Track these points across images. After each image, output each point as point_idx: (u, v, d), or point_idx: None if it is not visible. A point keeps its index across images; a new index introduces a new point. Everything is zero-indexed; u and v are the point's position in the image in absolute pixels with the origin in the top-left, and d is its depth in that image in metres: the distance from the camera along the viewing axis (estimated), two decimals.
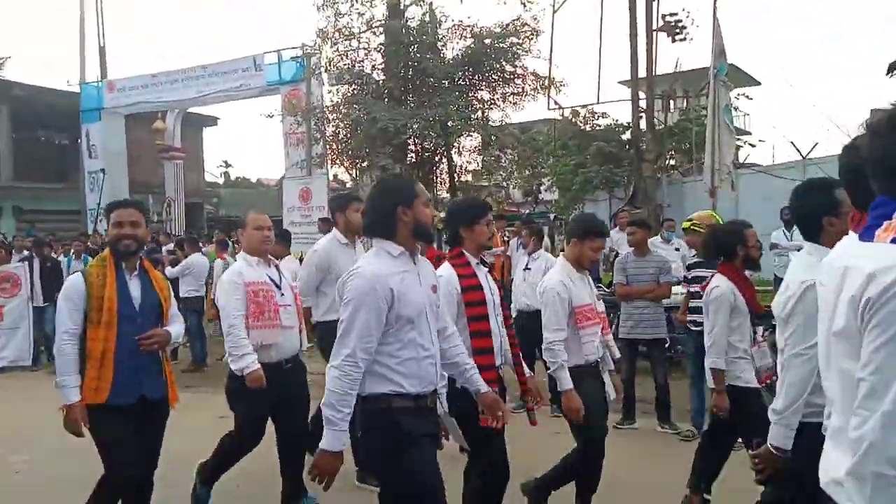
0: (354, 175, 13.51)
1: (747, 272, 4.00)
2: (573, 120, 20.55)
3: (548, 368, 3.74)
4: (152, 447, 3.42)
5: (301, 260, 9.03)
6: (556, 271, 3.88)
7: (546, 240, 9.92)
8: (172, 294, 3.62)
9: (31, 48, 64.22)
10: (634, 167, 13.59)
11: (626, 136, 16.38)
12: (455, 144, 12.17)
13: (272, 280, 4.08)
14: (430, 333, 2.63)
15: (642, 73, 13.59)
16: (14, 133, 21.70)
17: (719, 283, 3.81)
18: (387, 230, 2.61)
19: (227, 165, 40.50)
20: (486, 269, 3.46)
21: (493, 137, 12.15)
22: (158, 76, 16.24)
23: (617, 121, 20.12)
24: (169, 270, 8.90)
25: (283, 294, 4.06)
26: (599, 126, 20.45)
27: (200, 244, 10.97)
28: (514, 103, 12.27)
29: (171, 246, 11.72)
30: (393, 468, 2.52)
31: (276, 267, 4.20)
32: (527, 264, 6.82)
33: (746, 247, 3.87)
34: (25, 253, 10.42)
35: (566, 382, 3.60)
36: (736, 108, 20.50)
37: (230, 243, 10.51)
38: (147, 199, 20.01)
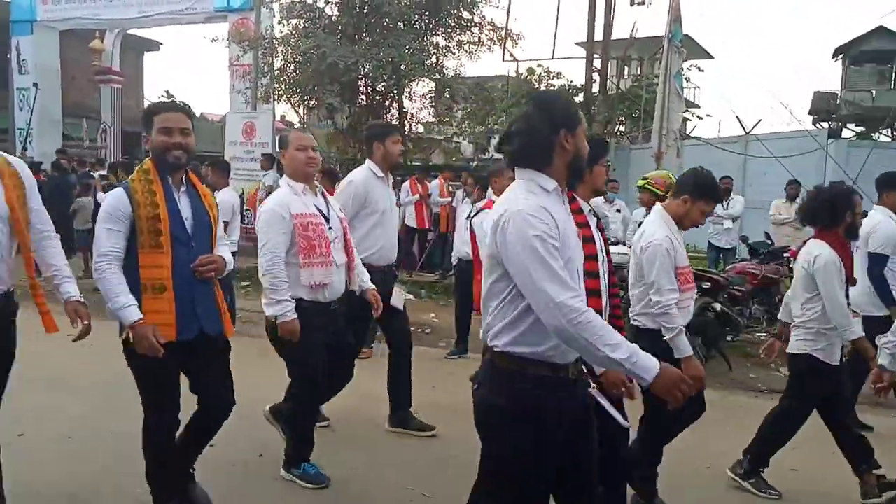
0: (302, 113, 13.13)
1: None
2: (528, 77, 20.51)
3: None
4: (224, 380, 3.13)
5: (242, 196, 8.89)
6: (660, 225, 3.43)
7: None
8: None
9: None
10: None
11: (579, 98, 16.43)
12: (407, 89, 11.93)
13: (320, 211, 3.66)
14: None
15: (599, 35, 13.59)
16: None
17: (821, 251, 3.62)
18: (542, 159, 2.14)
19: (170, 96, 38.75)
20: (597, 220, 3.03)
21: (446, 89, 11.96)
22: None
23: (571, 82, 20.14)
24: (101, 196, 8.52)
25: (331, 227, 3.66)
26: (553, 86, 20.47)
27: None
28: (470, 53, 12.04)
29: (103, 172, 11.23)
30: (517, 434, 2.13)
31: (324, 195, 3.78)
32: (469, 213, 6.77)
33: (854, 214, 3.75)
34: None
35: (686, 348, 3.24)
36: (687, 80, 20.82)
37: None
38: (81, 123, 19.13)
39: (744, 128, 13.57)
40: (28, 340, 3.09)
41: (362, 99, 11.99)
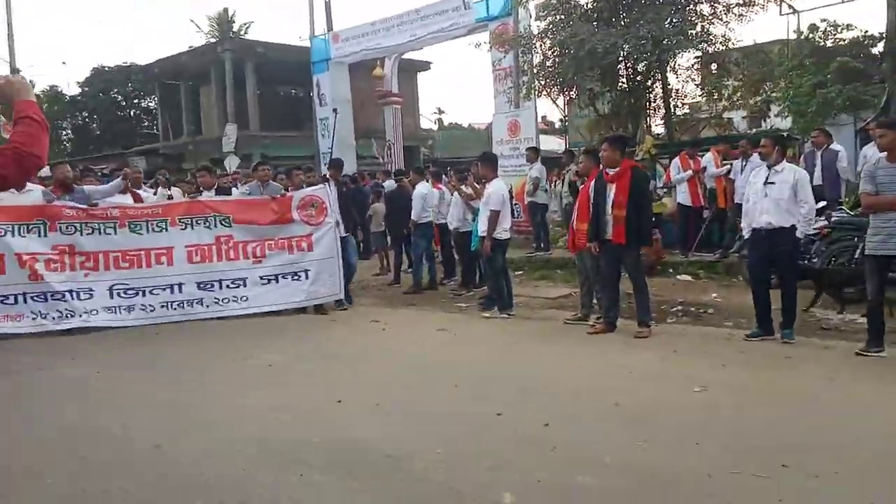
0: (562, 105, 13.26)
1: None
2: (810, 36, 18.16)
3: None
4: None
5: (511, 190, 9.25)
6: None
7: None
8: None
9: (267, 10, 71.03)
10: (888, 79, 11.70)
11: (877, 49, 14.13)
12: (670, 63, 11.33)
13: None
14: None
15: None
16: (258, 89, 24.40)
17: None
18: None
19: (440, 112, 41.86)
20: None
21: (713, 62, 11.12)
22: (376, 24, 17.15)
23: (866, 32, 17.40)
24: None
25: None
26: (843, 40, 17.85)
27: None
28: (740, 15, 11.08)
29: (391, 181, 12.49)
30: None
31: None
32: (767, 178, 6.09)
33: None
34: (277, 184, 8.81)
35: None
36: None
37: (443, 175, 10.92)
38: (370, 143, 21.62)
39: None
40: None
41: (622, 81, 11.72)
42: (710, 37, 11.02)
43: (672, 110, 12.75)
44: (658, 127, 14.30)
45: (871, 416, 4.09)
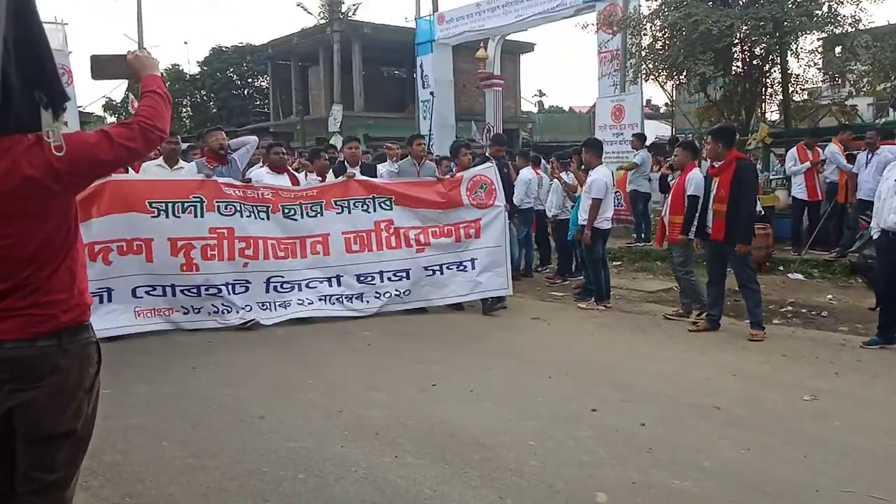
0: (670, 90, 12.72)
1: None
2: None
3: None
4: None
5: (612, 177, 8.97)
6: None
7: None
8: None
9: None
10: None
11: None
12: (791, 47, 10.60)
13: None
14: None
15: None
16: (364, 69, 24.88)
17: None
18: None
19: (541, 94, 41.38)
20: None
21: (837, 45, 10.27)
22: (482, 4, 17.03)
23: None
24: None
25: None
26: None
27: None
28: None
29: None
30: None
31: None
32: None
33: None
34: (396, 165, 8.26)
35: None
36: None
37: (541, 160, 10.77)
38: (470, 126, 21.62)
39: None
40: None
41: (737, 65, 11.11)
42: (838, 18, 10.23)
43: (790, 96, 11.97)
44: (773, 114, 13.50)
45: None
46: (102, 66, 2.17)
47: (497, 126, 20.09)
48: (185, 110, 35.08)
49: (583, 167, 7.80)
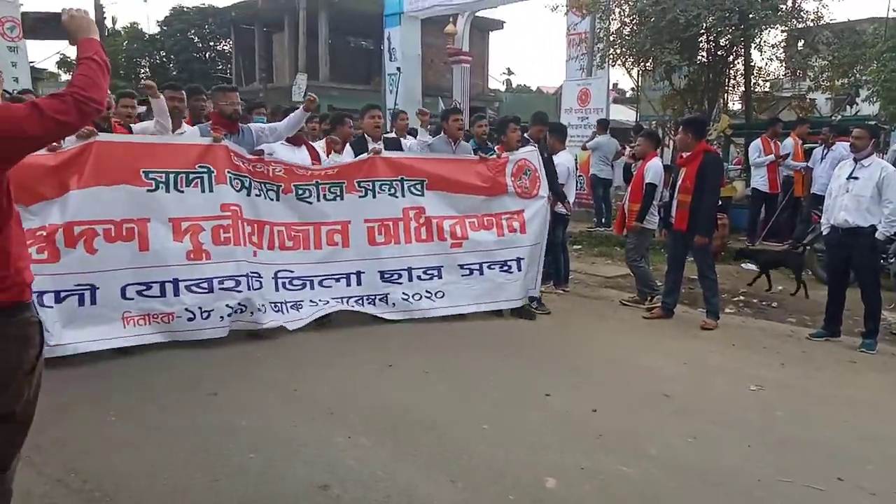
0: (636, 76, 12.80)
1: None
2: None
3: None
4: None
5: (576, 161, 9.01)
6: None
7: None
8: None
9: None
10: None
11: None
12: (755, 40, 10.76)
13: None
14: None
15: None
16: (330, 39, 24.44)
17: None
18: None
19: (510, 73, 41.31)
20: None
21: (800, 39, 10.47)
22: None
23: None
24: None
25: None
26: None
27: None
28: None
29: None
30: None
31: None
32: (852, 172, 5.71)
33: None
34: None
35: None
36: None
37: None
38: (437, 102, 21.45)
39: None
40: None
41: (703, 55, 11.23)
42: (802, 13, 10.42)
43: (752, 88, 12.16)
44: (735, 104, 13.70)
45: None
46: (32, 25, 1.98)
47: (464, 103, 19.97)
48: (143, 71, 33.96)
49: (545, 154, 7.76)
